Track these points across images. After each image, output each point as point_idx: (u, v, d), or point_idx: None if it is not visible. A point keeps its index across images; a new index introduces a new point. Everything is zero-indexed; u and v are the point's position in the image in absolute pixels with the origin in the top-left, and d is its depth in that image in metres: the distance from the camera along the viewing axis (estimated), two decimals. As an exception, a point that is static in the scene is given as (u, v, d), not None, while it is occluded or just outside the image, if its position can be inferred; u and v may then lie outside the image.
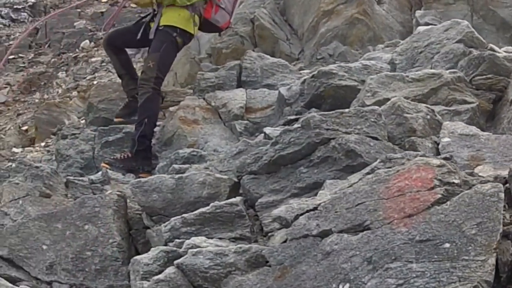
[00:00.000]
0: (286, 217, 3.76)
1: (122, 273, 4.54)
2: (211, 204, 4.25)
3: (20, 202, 5.39)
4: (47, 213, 4.93)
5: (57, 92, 15.72)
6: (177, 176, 4.79)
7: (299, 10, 9.78)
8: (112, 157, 6.05)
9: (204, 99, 6.59)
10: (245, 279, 3.62)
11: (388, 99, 4.87)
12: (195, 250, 3.78)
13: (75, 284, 4.59)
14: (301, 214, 3.68)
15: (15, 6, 25.03)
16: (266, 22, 9.87)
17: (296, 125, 4.58)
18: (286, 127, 4.75)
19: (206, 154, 5.76)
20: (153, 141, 6.27)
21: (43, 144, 9.80)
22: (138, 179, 4.96)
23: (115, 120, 6.63)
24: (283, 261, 3.54)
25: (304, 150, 4.42)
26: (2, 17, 24.58)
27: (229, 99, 6.46)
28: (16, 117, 14.94)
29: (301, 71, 7.58)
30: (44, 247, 4.73)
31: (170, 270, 3.80)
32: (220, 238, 4.09)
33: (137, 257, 4.07)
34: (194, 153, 5.60)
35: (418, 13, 8.65)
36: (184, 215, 4.27)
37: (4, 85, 17.51)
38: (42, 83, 17.08)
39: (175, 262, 3.81)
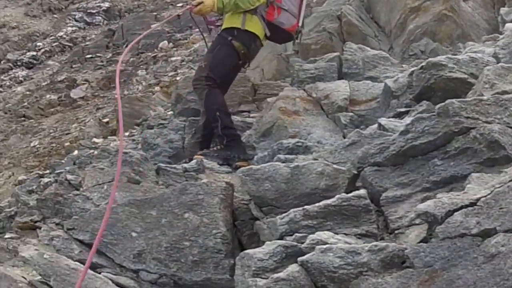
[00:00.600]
0: (435, 213, 3.21)
1: (223, 266, 4.21)
2: (337, 196, 3.78)
3: (105, 187, 5.22)
4: (140, 199, 4.66)
5: (137, 88, 15.92)
6: (292, 165, 4.36)
7: (384, 8, 9.40)
8: (204, 150, 5.83)
9: (304, 90, 6.25)
10: (381, 282, 3.12)
11: (507, 92, 4.34)
12: (323, 246, 3.30)
13: (166, 274, 4.33)
14: (455, 210, 3.13)
15: (89, 11, 25.63)
16: (353, 19, 9.49)
17: (429, 114, 4.07)
18: (418, 115, 4.16)
19: (311, 145, 5.34)
20: (250, 132, 6.07)
21: (127, 133, 9.73)
22: (249, 167, 4.61)
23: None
24: (432, 263, 3.03)
25: (439, 141, 3.90)
26: (77, 21, 25.15)
27: (331, 90, 6.10)
28: (95, 110, 15.59)
29: (403, 65, 7.15)
30: (134, 234, 4.51)
31: (293, 268, 3.34)
32: (345, 234, 3.55)
33: (249, 251, 3.71)
34: (299, 143, 5.23)
35: (503, 10, 8.03)
36: (306, 206, 3.81)
37: (83, 82, 18.22)
38: (122, 80, 17.34)
39: (299, 259, 3.35)
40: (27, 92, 19.24)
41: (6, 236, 7.45)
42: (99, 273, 4.37)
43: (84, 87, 17.97)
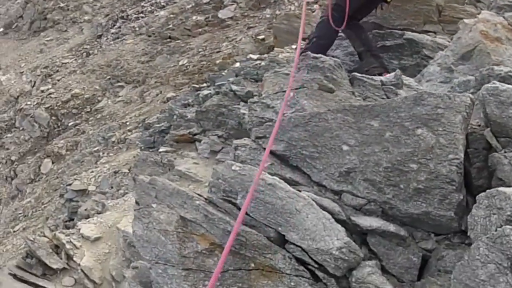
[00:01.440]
0: None
1: (450, 201, 3.49)
2: None
3: (291, 94, 4.60)
4: (358, 105, 3.91)
5: (290, 8, 15.11)
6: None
7: None
8: None
9: (503, 17, 5.55)
10: None
11: None
12: None
13: (376, 200, 3.68)
14: None
15: None
16: None
17: None
18: None
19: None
20: (446, 52, 5.51)
21: (294, 46, 8.80)
22: (494, 85, 3.72)
23: None
24: None
25: None
26: None
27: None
28: (246, 29, 15.22)
29: None
30: (345, 147, 3.81)
31: None
32: None
33: (505, 189, 3.00)
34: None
35: None
36: None
37: (231, 2, 17.53)
38: (272, 0, 16.80)
39: None
40: (171, 15, 18.94)
41: (160, 150, 6.87)
42: (300, 190, 3.68)
43: (233, 7, 17.38)
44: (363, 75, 4.95)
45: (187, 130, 6.80)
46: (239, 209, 3.55)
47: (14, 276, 5.34)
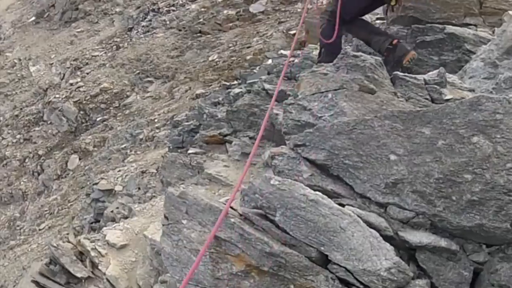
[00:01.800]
0: None
1: (506, 212, 3.28)
2: None
3: (330, 95, 4.34)
4: (408, 111, 3.62)
5: (322, 2, 14.46)
6: None
7: None
8: None
9: None
10: None
11: None
12: None
13: (425, 213, 3.44)
14: None
15: None
16: None
17: None
18: None
19: None
20: (490, 46, 5.22)
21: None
22: None
23: None
24: None
25: None
26: None
27: None
28: (277, 24, 14.92)
29: None
30: (392, 157, 3.55)
31: None
32: None
33: None
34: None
35: None
36: None
37: None
38: None
39: None
40: (202, 9, 18.75)
41: (189, 151, 6.65)
42: (344, 205, 3.41)
43: (264, 1, 17.15)
44: (406, 74, 4.70)
45: (217, 130, 6.59)
46: (278, 227, 3.30)
47: (37, 284, 5.12)
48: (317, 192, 3.42)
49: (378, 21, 7.93)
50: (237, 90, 7.58)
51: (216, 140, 6.50)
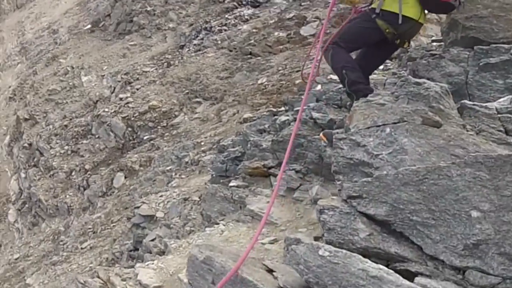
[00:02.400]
0: None
1: None
2: None
3: (388, 130, 3.88)
4: (495, 156, 3.05)
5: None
6: None
7: None
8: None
9: None
10: None
11: None
12: None
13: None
14: None
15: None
16: None
17: None
18: None
19: None
20: None
21: (381, 67, 8.09)
22: None
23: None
24: None
25: None
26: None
27: None
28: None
29: None
30: (475, 213, 3.01)
31: None
32: None
33: None
34: None
35: None
36: None
37: (313, 19, 16.90)
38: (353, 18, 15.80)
39: None
40: (254, 30, 18.56)
41: (231, 184, 6.38)
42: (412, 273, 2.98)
43: (315, 24, 16.67)
44: (475, 102, 4.24)
45: (262, 162, 6.27)
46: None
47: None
48: (381, 267, 2.87)
49: (434, 43, 7.59)
50: (283, 118, 7.19)
51: (259, 173, 6.16)
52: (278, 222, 5.07)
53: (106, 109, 17.90)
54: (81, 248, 12.74)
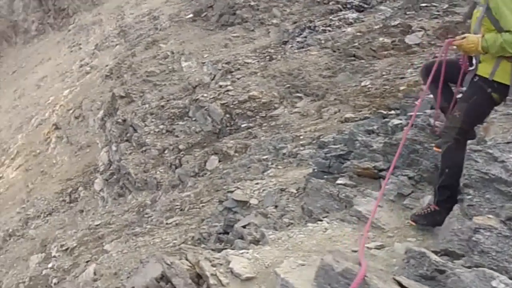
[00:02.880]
0: None
1: None
2: None
3: None
4: None
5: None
6: None
7: None
8: (415, 213, 4.98)
9: None
10: None
11: None
12: None
13: None
14: None
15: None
16: None
17: None
18: None
19: None
20: None
21: None
22: None
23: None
24: None
25: None
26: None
27: None
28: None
29: None
30: None
31: None
32: None
33: None
34: None
35: None
36: None
37: (418, 29, 16.65)
38: (460, 32, 15.20)
39: None
40: (358, 34, 18.44)
41: (338, 181, 6.20)
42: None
43: (420, 34, 16.42)
44: None
45: (372, 163, 6.06)
46: None
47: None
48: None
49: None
50: (396, 121, 7.02)
51: (369, 174, 5.96)
52: (386, 228, 4.88)
53: (205, 95, 18.20)
54: (167, 224, 12.94)
